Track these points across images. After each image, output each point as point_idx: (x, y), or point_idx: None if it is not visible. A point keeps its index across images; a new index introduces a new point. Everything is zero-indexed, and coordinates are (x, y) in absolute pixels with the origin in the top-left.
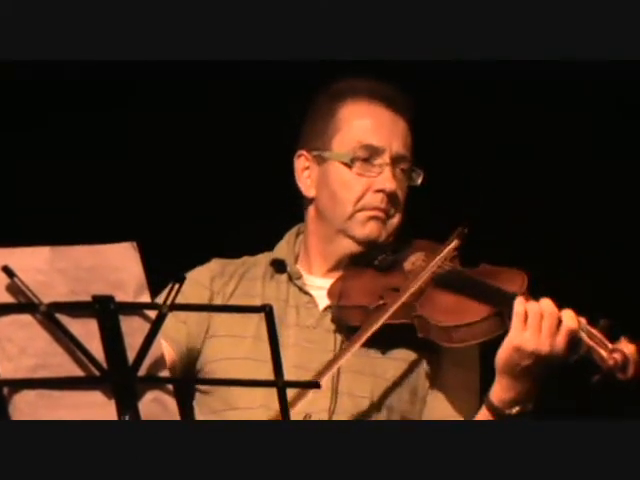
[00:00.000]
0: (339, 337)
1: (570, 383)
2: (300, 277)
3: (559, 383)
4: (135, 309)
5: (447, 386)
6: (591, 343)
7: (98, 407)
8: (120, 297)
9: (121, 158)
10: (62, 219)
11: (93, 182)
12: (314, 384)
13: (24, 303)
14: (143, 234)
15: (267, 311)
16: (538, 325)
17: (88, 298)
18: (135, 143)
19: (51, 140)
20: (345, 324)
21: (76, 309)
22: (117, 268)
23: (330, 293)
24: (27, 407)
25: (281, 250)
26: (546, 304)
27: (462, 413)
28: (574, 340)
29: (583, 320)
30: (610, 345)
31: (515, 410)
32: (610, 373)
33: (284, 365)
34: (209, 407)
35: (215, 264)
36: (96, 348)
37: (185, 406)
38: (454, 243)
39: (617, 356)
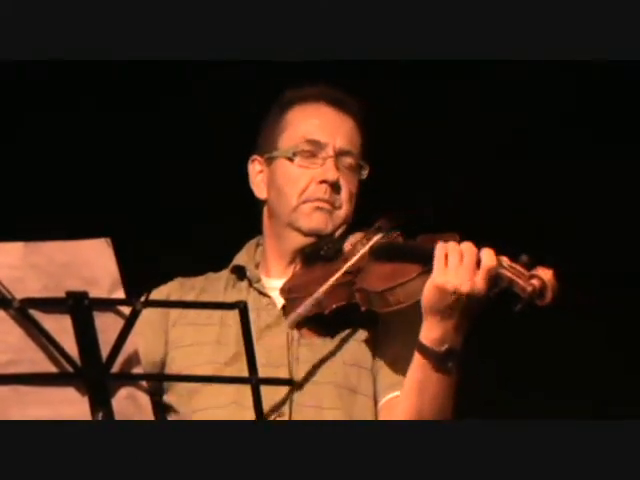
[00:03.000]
0: (292, 332)
1: (493, 316)
2: (259, 280)
3: (483, 318)
4: (109, 305)
5: (392, 358)
6: (510, 276)
7: (71, 404)
8: (94, 293)
9: (95, 156)
10: (36, 216)
11: (68, 179)
12: (289, 381)
13: None
14: (117, 230)
15: (241, 308)
16: (458, 264)
17: (62, 294)
18: (109, 141)
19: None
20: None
21: (49, 305)
22: (91, 264)
23: (282, 290)
24: None
25: (240, 258)
26: (466, 245)
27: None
28: (494, 277)
29: (504, 258)
30: (528, 273)
31: (444, 348)
32: (530, 300)
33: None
34: (175, 413)
35: (174, 282)
36: (69, 344)
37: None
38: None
39: (535, 282)
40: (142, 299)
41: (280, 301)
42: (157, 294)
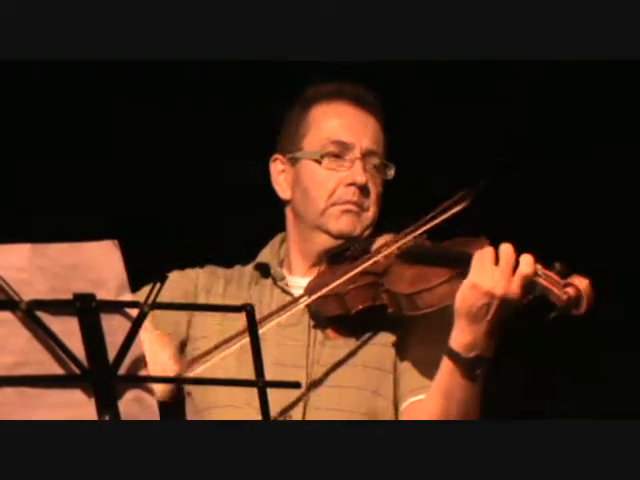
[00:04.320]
0: (316, 332)
1: (527, 323)
2: (283, 278)
3: (516, 323)
4: (116, 307)
5: (417, 362)
6: (546, 284)
7: (78, 406)
8: (101, 295)
9: (104, 157)
10: (44, 217)
11: (76, 180)
12: (295, 384)
13: (4, 300)
14: (125, 232)
15: (248, 310)
16: (495, 267)
17: (69, 296)
18: (119, 142)
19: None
20: (323, 316)
21: (57, 307)
22: (98, 266)
23: (307, 289)
24: (6, 405)
25: (265, 255)
26: (505, 247)
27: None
28: (529, 283)
29: (539, 265)
30: (563, 282)
31: (473, 354)
32: (565, 309)
33: (264, 362)
34: (193, 407)
35: (207, 268)
36: (76, 346)
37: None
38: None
39: (570, 290)
40: (149, 300)
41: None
42: (184, 274)
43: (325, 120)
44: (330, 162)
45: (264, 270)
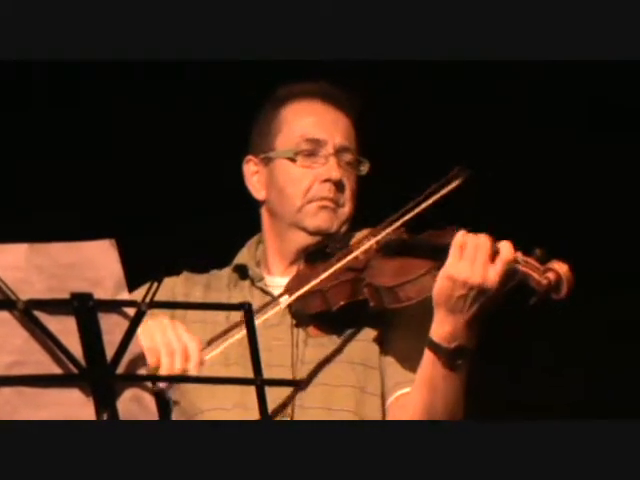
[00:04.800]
0: (298, 331)
1: (508, 310)
2: (262, 279)
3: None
4: (114, 306)
5: (400, 355)
6: (525, 270)
7: (76, 405)
8: (98, 294)
9: (104, 157)
10: (43, 217)
11: (75, 180)
12: (295, 382)
13: (1, 300)
14: (122, 232)
15: (246, 309)
16: (473, 256)
17: (66, 295)
18: (119, 142)
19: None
20: (305, 313)
21: (54, 306)
22: (95, 265)
23: (287, 288)
24: (4, 405)
25: (242, 257)
26: (482, 237)
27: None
28: (509, 270)
29: (519, 253)
30: (542, 267)
31: (454, 345)
32: (546, 294)
33: (249, 365)
34: (182, 414)
35: (180, 276)
36: (74, 345)
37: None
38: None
39: (550, 275)
40: (147, 299)
41: (283, 299)
42: (162, 286)
43: (297, 118)
44: (304, 160)
45: (242, 272)
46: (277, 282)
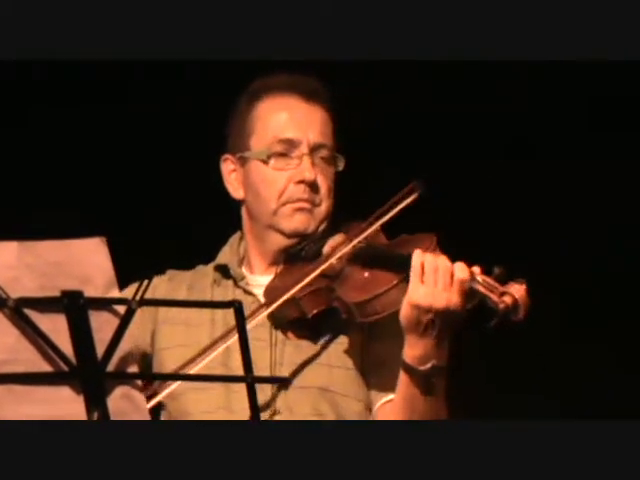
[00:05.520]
0: (277, 333)
1: (469, 330)
2: (243, 278)
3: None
4: (104, 304)
5: (379, 362)
6: (483, 291)
7: (66, 403)
8: (89, 292)
9: (104, 157)
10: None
11: (75, 180)
12: (285, 379)
13: None
14: (112, 229)
15: (236, 307)
16: (433, 280)
17: (56, 293)
18: (119, 142)
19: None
20: (283, 320)
21: (44, 304)
22: (86, 263)
23: (265, 293)
24: None
25: (224, 255)
26: (441, 260)
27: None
28: (467, 291)
29: (476, 269)
30: (501, 288)
31: (428, 366)
32: (504, 316)
33: (234, 365)
34: (168, 416)
35: (164, 275)
36: (65, 344)
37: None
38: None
39: (507, 299)
40: (137, 297)
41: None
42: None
43: (271, 116)
44: (277, 162)
45: (224, 271)
46: (259, 281)
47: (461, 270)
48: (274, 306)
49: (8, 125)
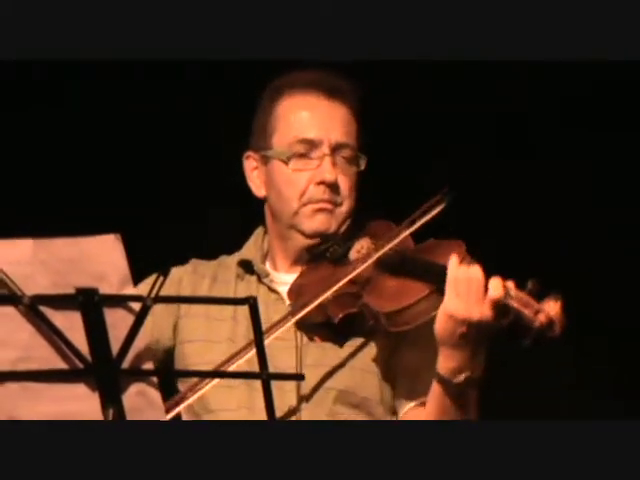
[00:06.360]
0: (301, 334)
1: (505, 347)
2: (267, 275)
3: (496, 348)
4: (119, 301)
5: (409, 369)
6: (518, 307)
7: (81, 400)
8: (103, 289)
9: (104, 157)
10: (47, 212)
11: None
12: (298, 376)
13: (7, 295)
14: (127, 226)
15: (252, 303)
16: (467, 292)
17: (71, 290)
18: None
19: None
20: (308, 323)
21: (59, 301)
22: (100, 260)
23: (289, 292)
24: (9, 400)
25: (248, 250)
26: (474, 271)
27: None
28: (501, 307)
29: (511, 284)
30: (536, 305)
31: (462, 378)
32: (539, 333)
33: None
34: (191, 411)
35: (189, 265)
36: (80, 340)
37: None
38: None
39: (542, 317)
40: (152, 294)
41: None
42: (169, 276)
43: (292, 115)
44: (297, 163)
45: (247, 267)
46: (283, 279)
47: (494, 286)
48: (304, 312)
49: (8, 125)
